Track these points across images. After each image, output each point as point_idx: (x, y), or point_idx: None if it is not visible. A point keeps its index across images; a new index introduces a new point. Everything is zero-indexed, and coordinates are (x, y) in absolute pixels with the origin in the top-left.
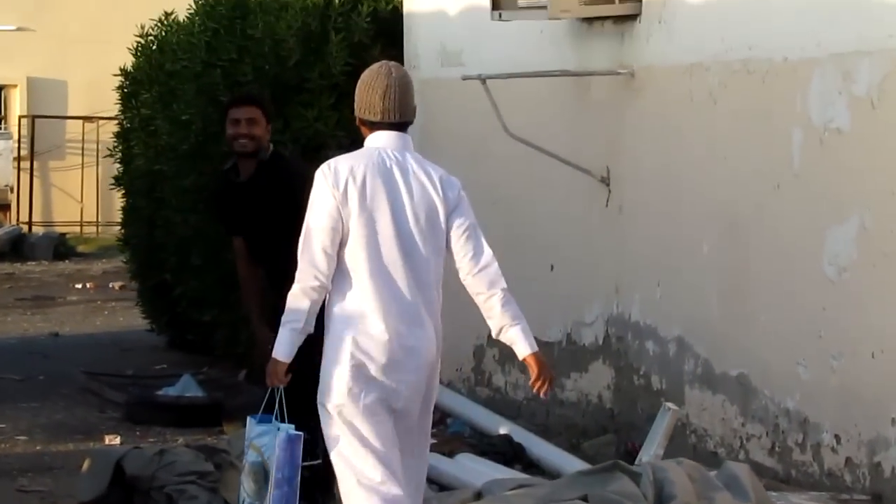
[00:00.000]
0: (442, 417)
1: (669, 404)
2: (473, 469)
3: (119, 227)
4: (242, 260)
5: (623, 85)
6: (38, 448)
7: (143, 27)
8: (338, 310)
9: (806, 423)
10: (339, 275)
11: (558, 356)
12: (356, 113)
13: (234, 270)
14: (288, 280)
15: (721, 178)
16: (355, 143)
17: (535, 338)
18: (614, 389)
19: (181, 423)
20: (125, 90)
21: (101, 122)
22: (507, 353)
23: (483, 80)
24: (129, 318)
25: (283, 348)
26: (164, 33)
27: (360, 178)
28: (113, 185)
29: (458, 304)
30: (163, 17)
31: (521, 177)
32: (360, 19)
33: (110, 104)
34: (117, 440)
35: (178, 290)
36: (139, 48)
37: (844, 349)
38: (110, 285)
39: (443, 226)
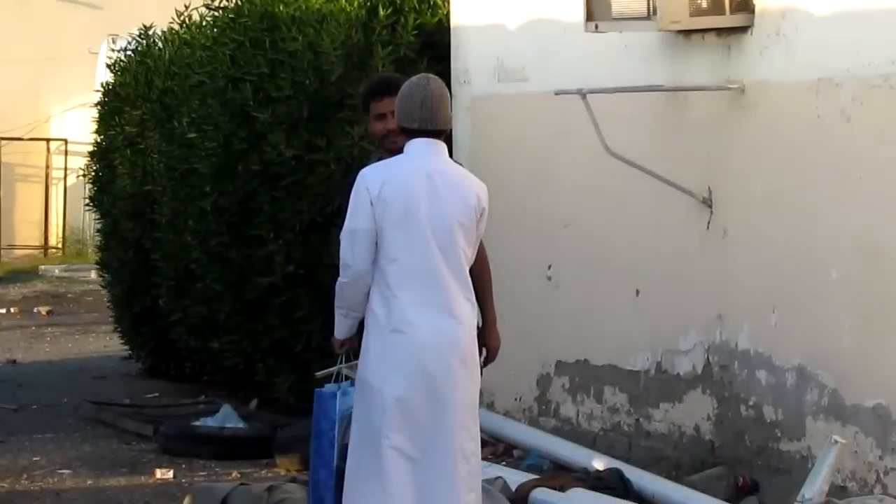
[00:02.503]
0: (507, 449)
1: (837, 437)
2: None
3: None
4: None
5: (730, 102)
6: (89, 483)
7: (113, 40)
8: (377, 299)
9: None
10: (380, 268)
11: (645, 385)
12: (396, 121)
13: (260, 298)
14: None
15: (855, 200)
16: None
17: (617, 366)
18: (715, 421)
19: (225, 456)
20: (105, 107)
21: None
22: (579, 381)
23: (583, 94)
24: (79, 345)
25: (340, 330)
26: (142, 47)
27: (397, 182)
28: (88, 205)
29: (518, 332)
30: (142, 31)
31: (599, 197)
32: (405, 32)
33: None
34: (170, 474)
35: (174, 315)
36: (117, 64)
37: None
38: (35, 310)
39: (475, 227)
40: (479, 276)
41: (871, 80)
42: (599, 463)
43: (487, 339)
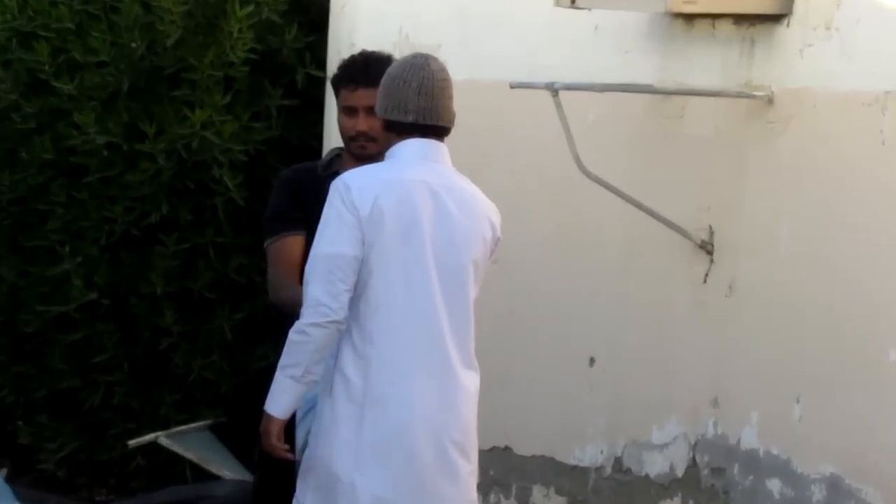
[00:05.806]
0: None
1: None
2: None
3: None
4: (293, 271)
5: (748, 113)
6: None
7: None
8: (351, 359)
9: None
10: (357, 316)
11: (595, 486)
12: (379, 113)
13: (39, 333)
14: None
15: None
16: (254, 162)
17: (554, 459)
18: None
19: None
20: None
21: None
22: (495, 476)
23: (555, 91)
24: None
25: (282, 403)
26: None
27: (394, 199)
28: None
29: None
30: None
31: (539, 227)
32: None
33: None
34: None
35: None
36: None
37: None
38: None
39: (487, 260)
40: None
41: None
42: None
43: None
